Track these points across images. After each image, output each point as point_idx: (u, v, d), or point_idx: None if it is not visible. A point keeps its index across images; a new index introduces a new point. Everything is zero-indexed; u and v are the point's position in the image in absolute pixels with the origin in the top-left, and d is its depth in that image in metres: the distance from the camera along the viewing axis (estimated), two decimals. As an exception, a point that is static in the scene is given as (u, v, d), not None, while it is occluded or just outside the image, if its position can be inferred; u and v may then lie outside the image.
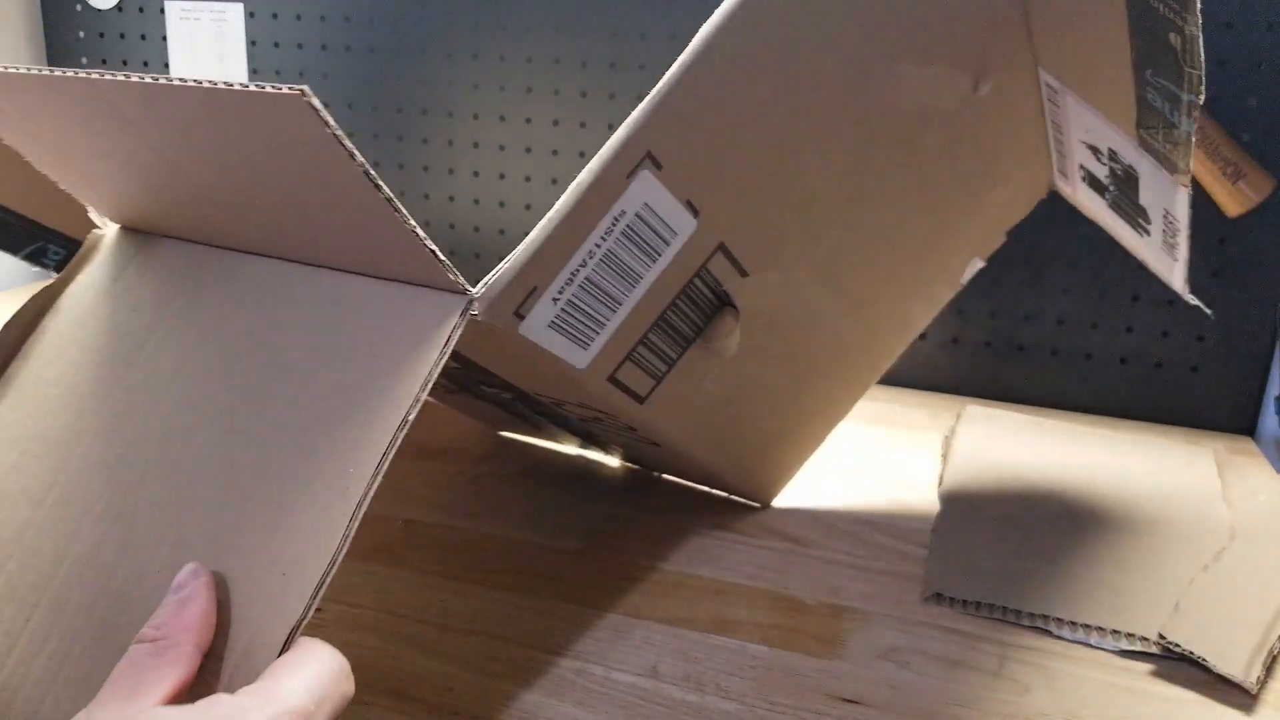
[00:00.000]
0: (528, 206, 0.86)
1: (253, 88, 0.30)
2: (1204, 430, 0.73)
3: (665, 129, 0.39)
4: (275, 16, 0.89)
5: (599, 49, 0.81)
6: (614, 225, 0.40)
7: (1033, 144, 0.54)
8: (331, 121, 0.29)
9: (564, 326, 0.42)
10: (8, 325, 0.44)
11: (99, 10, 0.94)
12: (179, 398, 0.39)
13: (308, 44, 0.89)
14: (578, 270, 0.40)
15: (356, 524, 0.32)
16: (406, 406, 0.33)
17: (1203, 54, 0.34)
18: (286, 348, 0.38)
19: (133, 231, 0.46)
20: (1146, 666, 0.44)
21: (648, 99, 0.38)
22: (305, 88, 0.29)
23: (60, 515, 0.38)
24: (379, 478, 0.32)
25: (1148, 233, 0.49)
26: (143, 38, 0.94)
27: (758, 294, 0.48)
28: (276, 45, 0.90)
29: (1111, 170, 0.49)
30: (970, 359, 0.78)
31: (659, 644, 0.45)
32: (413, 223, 0.32)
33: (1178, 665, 0.44)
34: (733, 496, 0.60)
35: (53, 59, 0.97)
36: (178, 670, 0.29)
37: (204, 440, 0.37)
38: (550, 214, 0.37)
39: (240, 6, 0.90)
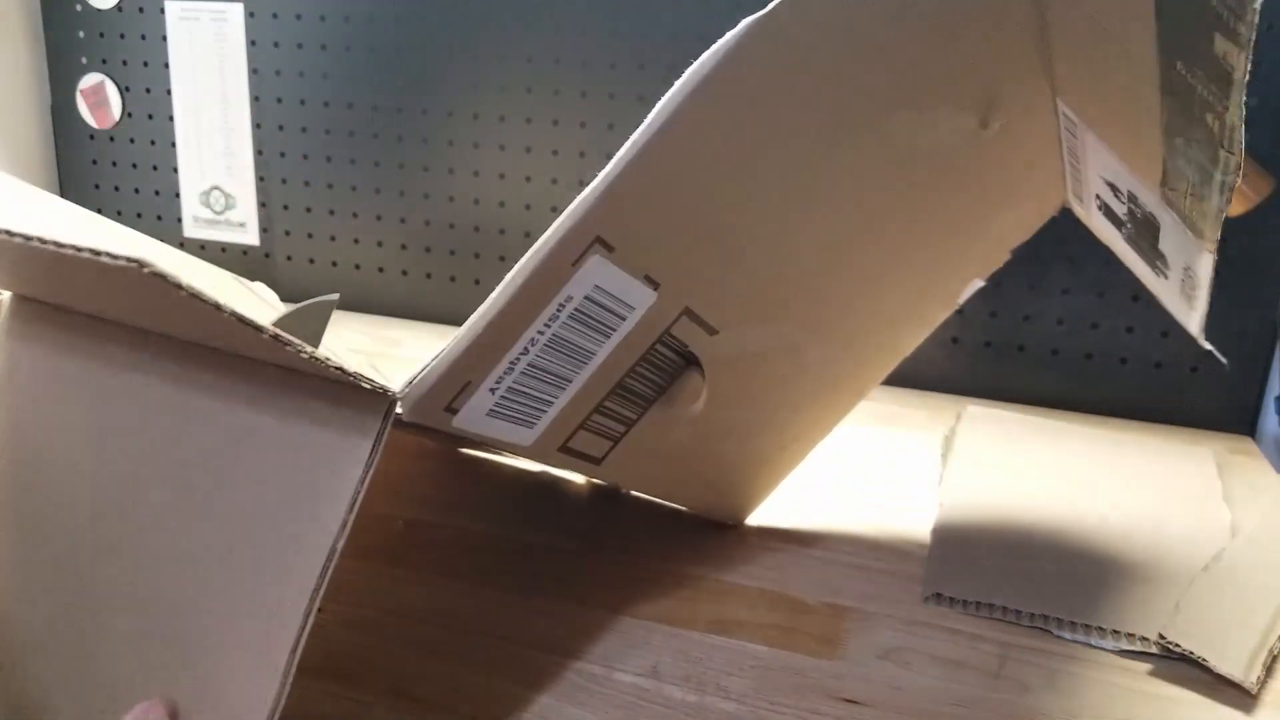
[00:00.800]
0: (528, 206, 0.86)
1: (86, 255, 0.26)
2: (1204, 430, 0.73)
3: (616, 213, 0.35)
4: (275, 16, 0.89)
5: (599, 49, 0.81)
6: (559, 311, 0.36)
7: (1046, 169, 0.50)
8: (184, 283, 0.27)
9: (505, 413, 0.38)
10: None
11: (99, 10, 0.94)
12: (91, 517, 0.35)
13: (308, 44, 0.89)
14: (518, 359, 0.37)
15: (294, 666, 0.30)
16: (335, 533, 0.30)
17: (1243, 140, 0.31)
18: (193, 481, 0.34)
19: (30, 301, 0.41)
20: (1146, 666, 0.44)
21: (595, 184, 0.34)
22: (140, 260, 0.26)
23: None
24: (310, 618, 0.30)
25: (1165, 276, 0.46)
26: (143, 38, 0.94)
27: (730, 346, 0.45)
28: (276, 45, 0.90)
29: (1130, 211, 0.46)
30: (970, 359, 0.78)
31: (659, 644, 0.45)
32: (309, 350, 0.30)
33: (1178, 665, 0.44)
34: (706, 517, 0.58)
35: (52, 59, 0.97)
36: None
37: (124, 564, 0.34)
38: (482, 308, 0.34)
39: (240, 6, 0.90)
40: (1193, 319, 0.46)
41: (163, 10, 0.93)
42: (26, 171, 0.97)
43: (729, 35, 0.32)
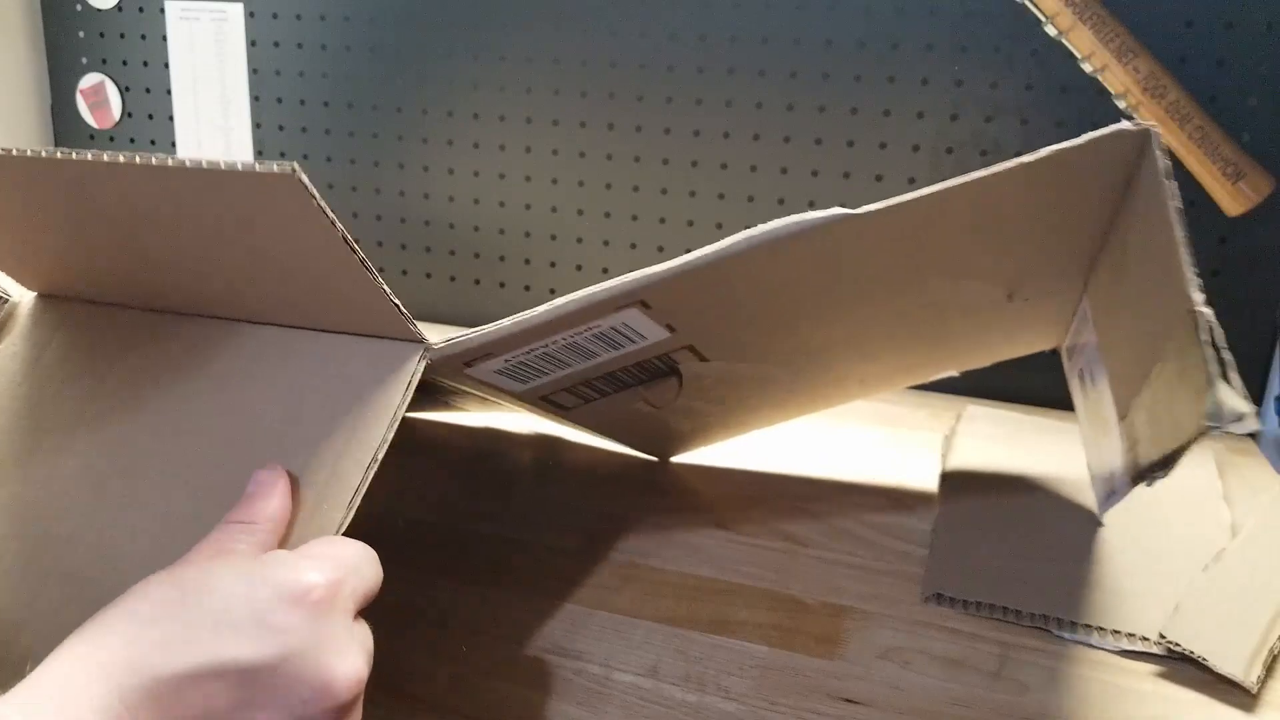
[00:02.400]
0: (528, 206, 0.86)
1: (240, 167, 0.30)
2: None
3: (665, 292, 0.39)
4: (275, 16, 0.89)
5: (599, 48, 0.81)
6: (585, 331, 0.42)
7: (1052, 326, 0.54)
8: (317, 195, 0.31)
9: (509, 373, 0.44)
10: None
11: (99, 10, 0.94)
12: (141, 457, 0.39)
13: (308, 44, 0.89)
14: (535, 349, 0.42)
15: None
16: (376, 444, 0.34)
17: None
18: (251, 400, 0.38)
19: (53, 299, 0.46)
20: (1146, 666, 0.44)
21: (655, 270, 0.38)
22: (295, 165, 0.30)
23: (12, 588, 0.37)
24: (351, 513, 0.34)
25: (1095, 441, 0.51)
26: (143, 38, 0.94)
27: (714, 371, 0.50)
28: (276, 45, 0.90)
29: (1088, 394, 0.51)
30: (970, 359, 0.78)
31: (659, 644, 0.45)
32: (381, 281, 0.34)
33: (1178, 665, 0.44)
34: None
35: (52, 59, 0.97)
36: (260, 552, 0.32)
37: (177, 496, 0.37)
38: (520, 316, 0.38)
39: (240, 6, 0.90)
40: (1095, 456, 0.51)
41: (163, 10, 0.93)
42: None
43: (818, 217, 0.37)
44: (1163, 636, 0.44)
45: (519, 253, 0.88)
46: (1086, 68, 0.64)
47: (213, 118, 0.94)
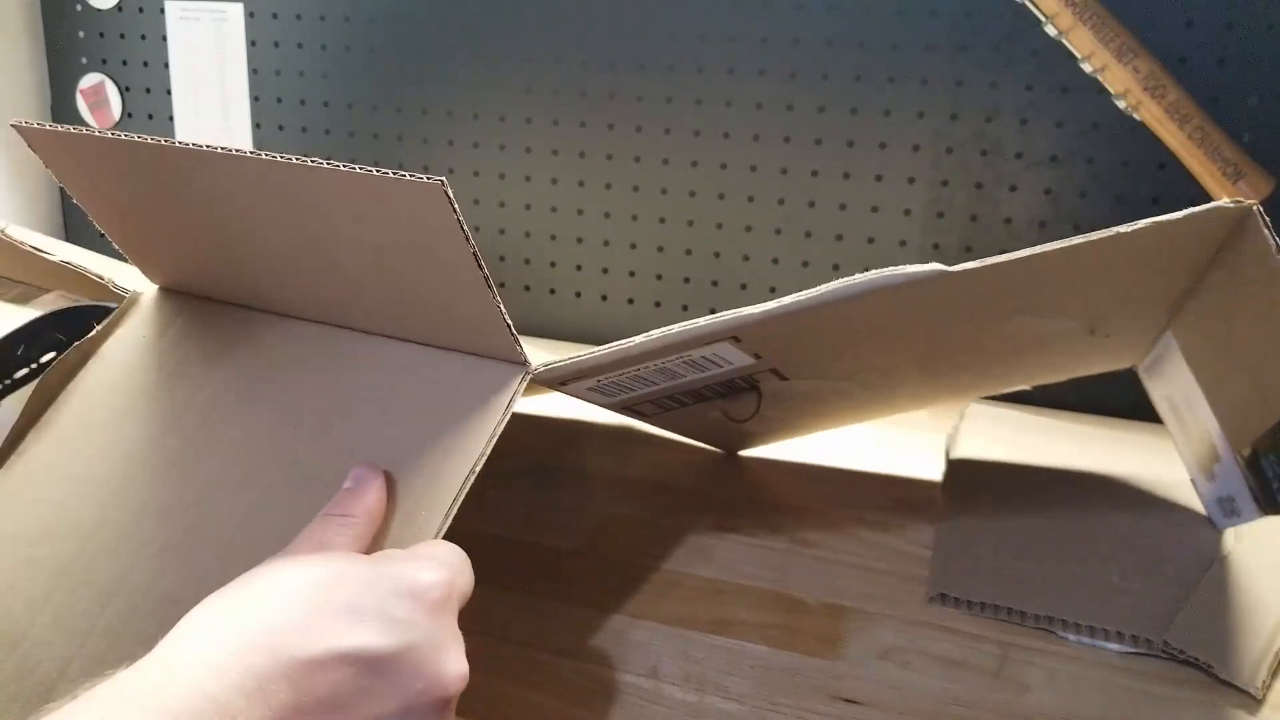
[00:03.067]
0: (528, 207, 0.86)
1: (390, 174, 0.32)
2: (1204, 430, 0.73)
3: (757, 329, 0.42)
4: (275, 16, 0.89)
5: (599, 48, 0.81)
6: (676, 359, 0.44)
7: (1132, 351, 0.55)
8: (459, 210, 0.32)
9: (600, 390, 0.47)
10: (49, 371, 0.46)
11: (99, 10, 0.94)
12: (238, 448, 0.41)
13: (308, 44, 0.89)
14: (628, 373, 0.45)
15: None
16: (475, 457, 0.36)
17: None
18: (352, 404, 0.40)
19: (172, 293, 0.48)
20: (1148, 666, 0.44)
21: (752, 310, 0.39)
22: (444, 179, 0.31)
23: (113, 550, 0.39)
24: (449, 521, 0.35)
25: (1211, 479, 0.52)
26: (143, 38, 0.94)
27: (793, 388, 0.52)
28: (276, 45, 0.90)
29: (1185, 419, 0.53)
30: (970, 359, 0.78)
31: (659, 644, 0.45)
32: (501, 302, 0.35)
33: (1179, 666, 0.44)
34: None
35: (52, 59, 0.97)
36: (356, 545, 0.34)
37: (267, 486, 0.39)
38: (618, 345, 0.41)
39: (240, 6, 0.90)
40: (1200, 473, 0.53)
41: (163, 10, 0.93)
42: (27, 172, 0.97)
43: (915, 271, 0.38)
44: (1167, 644, 0.44)
45: (519, 252, 0.88)
46: (1086, 68, 0.64)
47: (213, 118, 0.94)
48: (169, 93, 0.94)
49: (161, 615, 0.36)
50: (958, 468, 0.62)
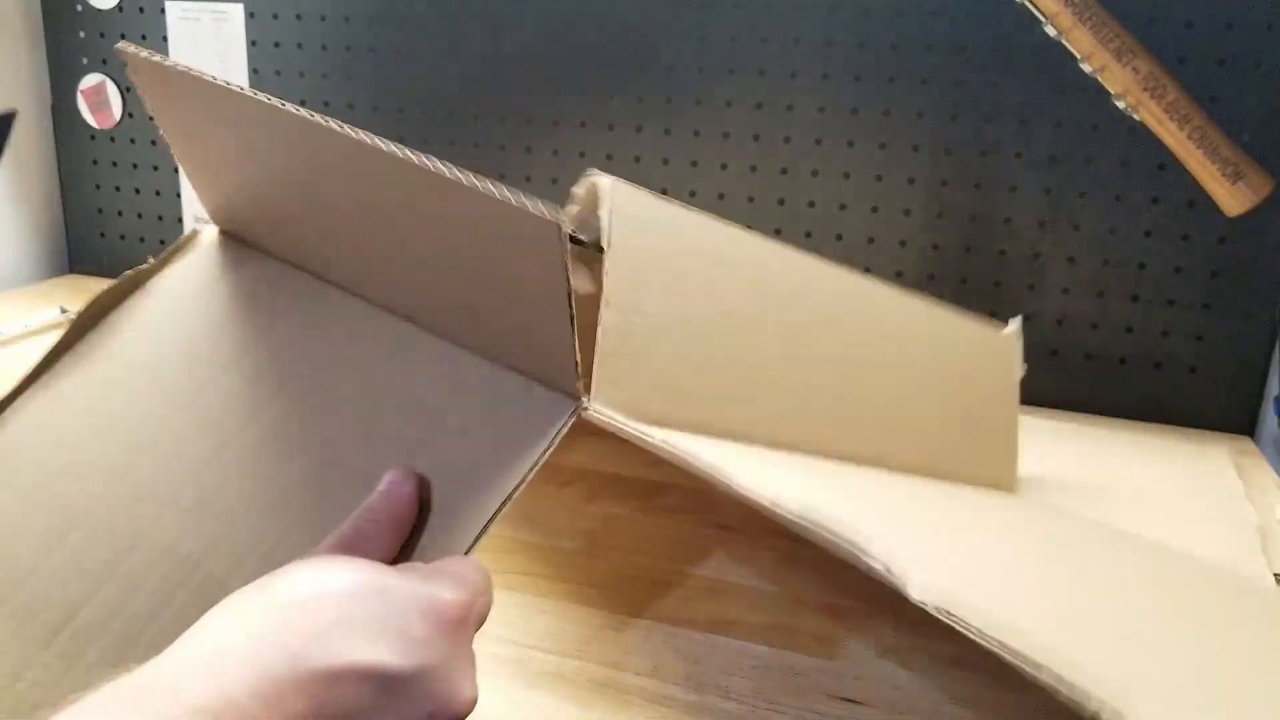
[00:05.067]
0: (528, 206, 0.86)
1: (511, 200, 0.30)
2: (1204, 430, 0.73)
3: None
4: (275, 17, 0.89)
5: (598, 47, 0.81)
6: None
7: None
8: (569, 250, 0.31)
9: None
10: (98, 298, 0.44)
11: (99, 10, 0.94)
12: (279, 421, 0.39)
13: (308, 44, 0.89)
14: None
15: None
16: (517, 481, 0.35)
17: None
18: (402, 402, 0.39)
19: (235, 240, 0.46)
20: (1146, 666, 0.44)
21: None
22: (562, 216, 0.30)
23: (139, 499, 0.38)
24: (480, 541, 0.35)
25: None
26: (143, 38, 0.94)
27: None
28: (277, 45, 0.90)
29: None
30: (970, 359, 0.78)
31: (659, 644, 0.45)
32: (575, 336, 0.34)
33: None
34: None
35: (53, 59, 0.97)
36: (383, 554, 0.33)
37: (305, 464, 0.38)
38: None
39: (240, 6, 0.90)
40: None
41: (163, 10, 0.93)
42: (27, 172, 0.98)
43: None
44: None
45: (519, 253, 0.88)
46: (1086, 68, 0.64)
47: (213, 118, 0.94)
48: (169, 93, 0.94)
49: (181, 577, 0.36)
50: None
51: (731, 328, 0.44)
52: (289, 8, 0.89)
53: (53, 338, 0.45)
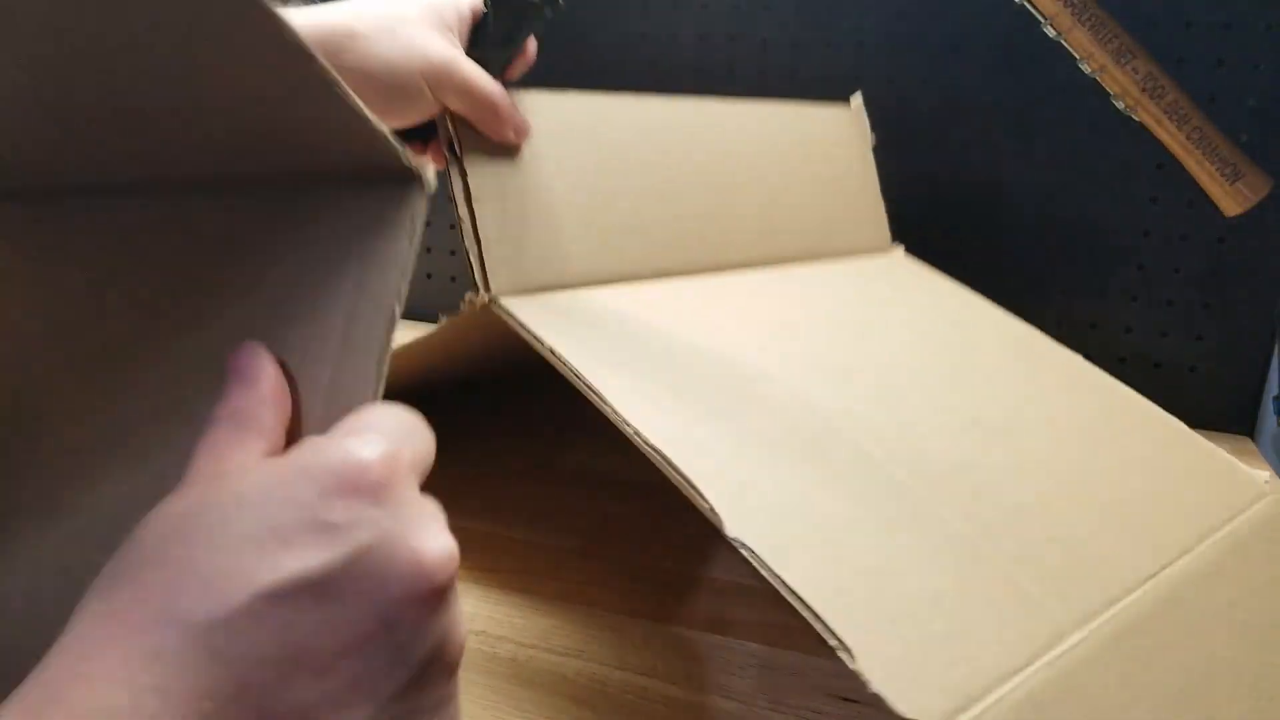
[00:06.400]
0: (528, 207, 0.86)
1: None
2: (1203, 430, 0.73)
3: None
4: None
5: (599, 49, 0.81)
6: None
7: None
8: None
9: None
10: None
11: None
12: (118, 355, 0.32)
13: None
14: None
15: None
16: (391, 297, 0.29)
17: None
18: (214, 276, 0.31)
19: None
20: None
21: None
22: None
23: None
24: (382, 381, 0.28)
25: None
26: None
27: None
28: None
29: None
30: (970, 359, 0.78)
31: (659, 644, 0.45)
32: (359, 103, 0.26)
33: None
34: None
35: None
36: (266, 447, 0.26)
37: (170, 405, 0.31)
38: None
39: (240, 7, 0.90)
40: None
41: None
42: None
43: None
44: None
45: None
46: (1085, 68, 0.64)
47: (213, 119, 0.93)
48: (169, 93, 0.94)
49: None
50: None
51: (598, 184, 0.49)
52: (289, 9, 0.89)
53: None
